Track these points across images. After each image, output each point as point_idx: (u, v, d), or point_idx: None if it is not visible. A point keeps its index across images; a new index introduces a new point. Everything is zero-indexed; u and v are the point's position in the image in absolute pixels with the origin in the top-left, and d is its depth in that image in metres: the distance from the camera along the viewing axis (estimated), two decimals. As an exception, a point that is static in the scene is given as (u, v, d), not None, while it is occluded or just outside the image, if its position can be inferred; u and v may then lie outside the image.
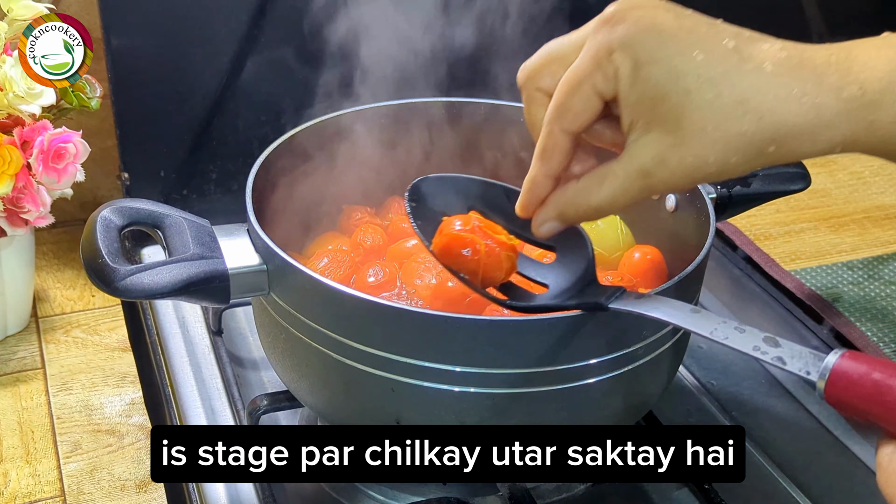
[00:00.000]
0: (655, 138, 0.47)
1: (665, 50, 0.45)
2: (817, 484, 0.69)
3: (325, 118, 0.72)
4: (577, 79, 0.48)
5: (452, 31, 0.79)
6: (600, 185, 0.49)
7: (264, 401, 0.68)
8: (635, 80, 0.46)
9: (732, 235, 0.98)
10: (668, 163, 0.47)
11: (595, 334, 0.54)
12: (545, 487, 0.65)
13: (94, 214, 0.57)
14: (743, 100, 0.45)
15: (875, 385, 0.40)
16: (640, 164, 0.48)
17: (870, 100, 0.45)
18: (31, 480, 0.66)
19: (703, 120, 0.45)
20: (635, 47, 0.46)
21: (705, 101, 0.45)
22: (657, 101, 0.46)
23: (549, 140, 0.50)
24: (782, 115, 0.45)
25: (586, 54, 0.48)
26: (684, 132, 0.46)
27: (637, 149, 0.48)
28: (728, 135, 0.45)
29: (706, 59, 0.45)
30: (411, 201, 0.60)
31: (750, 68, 0.45)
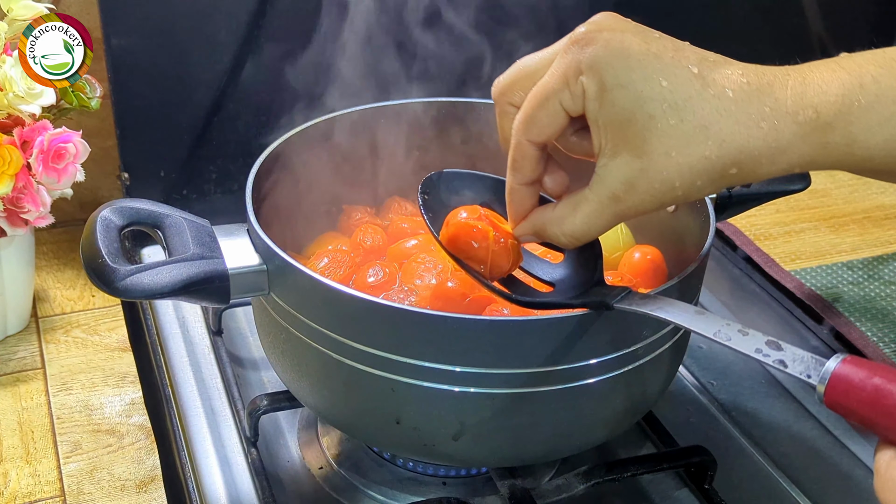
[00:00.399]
0: (623, 162, 0.48)
1: (631, 75, 0.47)
2: (817, 484, 0.69)
3: (325, 118, 0.72)
4: (545, 94, 0.50)
5: (453, 31, 0.79)
6: (574, 212, 0.51)
7: (264, 401, 0.68)
8: (602, 103, 0.48)
9: (732, 235, 0.98)
10: (637, 187, 0.49)
11: (595, 334, 0.54)
12: (545, 487, 0.65)
13: (94, 214, 0.57)
14: (705, 125, 0.47)
15: (875, 390, 0.40)
16: (611, 190, 0.49)
17: (824, 122, 0.47)
18: (31, 480, 0.66)
19: (668, 145, 0.47)
20: (603, 70, 0.47)
21: (669, 127, 0.47)
22: (623, 124, 0.48)
23: (518, 151, 0.52)
24: (743, 139, 0.47)
25: (556, 71, 0.49)
26: (650, 156, 0.48)
27: (606, 173, 0.49)
28: (692, 159, 0.47)
29: (670, 85, 0.47)
30: (423, 194, 0.60)
31: (712, 94, 0.47)
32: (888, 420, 0.40)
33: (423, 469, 0.67)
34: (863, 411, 0.41)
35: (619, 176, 0.49)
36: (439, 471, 0.67)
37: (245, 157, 0.71)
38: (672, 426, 0.71)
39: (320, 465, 0.69)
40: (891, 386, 0.40)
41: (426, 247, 0.72)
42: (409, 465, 0.67)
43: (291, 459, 0.69)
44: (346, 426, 0.62)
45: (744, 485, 0.69)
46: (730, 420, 0.75)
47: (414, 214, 0.78)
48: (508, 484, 0.63)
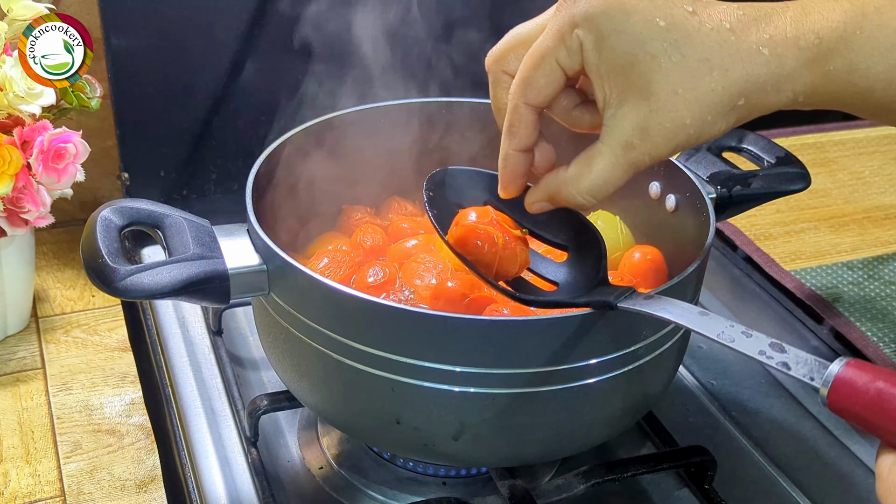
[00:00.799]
0: (631, 108, 0.48)
1: (628, 20, 0.47)
2: (817, 484, 0.69)
3: (325, 118, 0.72)
4: (541, 53, 0.50)
5: (453, 31, 0.79)
6: (589, 167, 0.51)
7: (264, 401, 0.68)
8: (601, 51, 0.48)
9: (732, 235, 0.98)
10: (649, 130, 0.48)
11: (595, 334, 0.54)
12: (545, 487, 0.65)
13: (94, 214, 0.57)
14: (707, 58, 0.47)
15: (878, 394, 0.40)
16: (623, 137, 0.49)
17: (826, 48, 0.47)
18: (31, 480, 0.66)
19: (673, 82, 0.47)
20: (598, 19, 0.47)
21: (672, 64, 0.47)
22: (626, 68, 0.48)
23: (515, 114, 0.52)
24: (746, 67, 0.47)
25: (549, 30, 0.49)
26: (657, 96, 0.48)
27: (616, 122, 0.49)
28: (699, 93, 0.47)
29: (668, 24, 0.47)
30: (428, 191, 0.60)
31: (710, 28, 0.47)
32: (891, 424, 0.40)
33: (423, 469, 0.67)
34: (865, 415, 0.40)
35: (629, 122, 0.49)
36: (439, 471, 0.67)
37: (245, 157, 0.71)
38: (672, 426, 0.71)
39: (320, 465, 0.69)
40: (894, 390, 0.40)
41: (426, 247, 0.72)
42: (409, 465, 0.67)
43: (291, 459, 0.69)
44: (346, 426, 0.62)
45: (744, 485, 0.69)
46: (730, 420, 0.75)
47: (414, 214, 0.78)
48: (508, 484, 0.63)
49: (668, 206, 0.70)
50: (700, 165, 0.73)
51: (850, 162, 1.13)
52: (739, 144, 0.77)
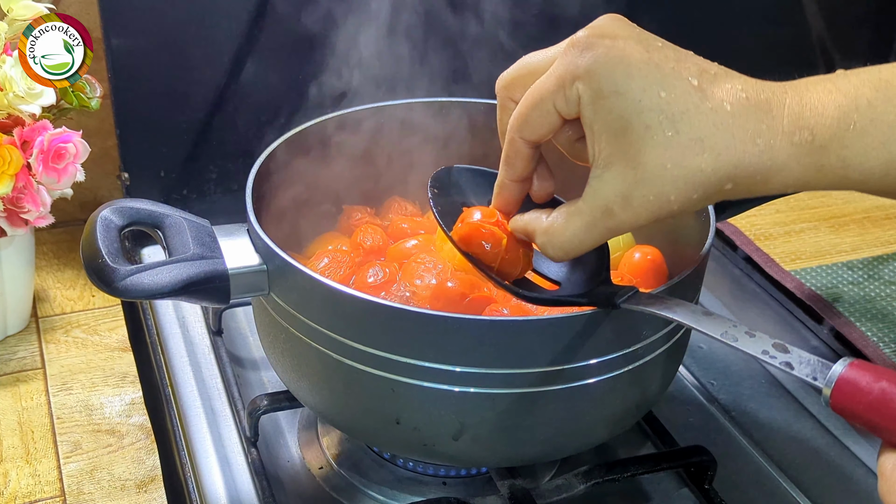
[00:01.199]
0: (617, 174, 0.48)
1: (629, 83, 0.47)
2: (817, 484, 0.69)
3: (324, 118, 0.72)
4: (539, 95, 0.50)
5: (453, 30, 0.79)
6: (566, 224, 0.51)
7: (264, 401, 0.68)
8: (597, 109, 0.48)
9: (732, 235, 0.98)
10: (632, 200, 0.48)
11: (595, 334, 0.54)
12: (545, 487, 0.65)
13: (94, 214, 0.57)
14: (701, 138, 0.46)
15: (881, 394, 0.40)
16: (604, 202, 0.49)
17: (819, 145, 0.47)
18: (31, 480, 0.66)
19: (664, 157, 0.47)
20: (600, 76, 0.47)
21: (665, 138, 0.46)
22: (618, 133, 0.47)
23: (511, 147, 0.53)
24: (738, 154, 0.47)
25: (552, 73, 0.49)
26: (645, 168, 0.47)
27: (600, 185, 0.49)
28: (687, 171, 0.47)
29: (668, 96, 0.47)
30: (433, 188, 0.60)
31: (710, 108, 0.47)
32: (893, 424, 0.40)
33: (423, 469, 0.67)
34: (868, 415, 0.41)
35: (612, 188, 0.48)
36: (439, 471, 0.67)
37: (245, 157, 0.71)
38: (672, 426, 0.71)
39: (320, 465, 0.69)
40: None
41: (426, 247, 0.72)
42: (409, 465, 0.67)
43: (291, 459, 0.69)
44: (346, 426, 0.62)
45: (744, 485, 0.69)
46: (730, 420, 0.75)
47: (414, 214, 0.78)
48: (508, 484, 0.63)
49: (668, 206, 0.70)
50: (700, 165, 0.73)
51: (850, 162, 1.13)
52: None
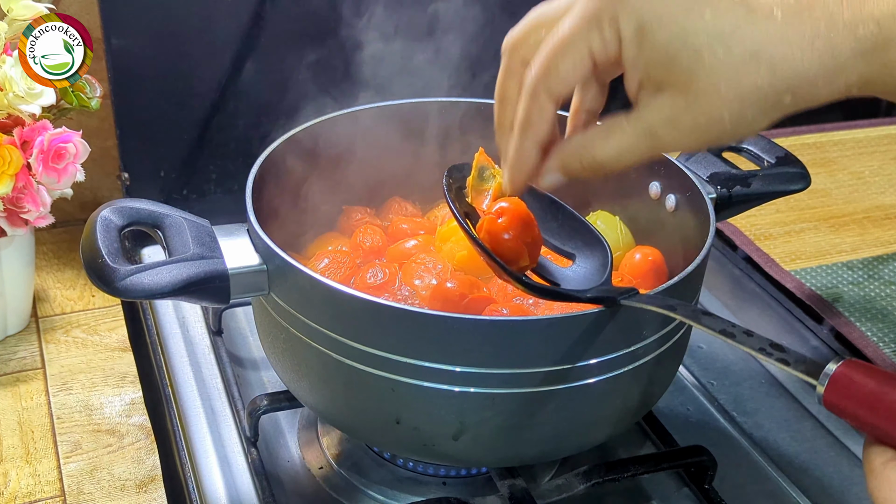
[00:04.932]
0: (667, 99, 0.45)
1: (671, 10, 0.44)
2: (817, 484, 0.69)
3: (325, 118, 0.72)
4: (569, 39, 0.46)
5: (454, 30, 0.79)
6: (606, 138, 0.48)
7: (264, 401, 0.68)
8: (642, 43, 0.45)
9: (732, 235, 0.98)
10: (679, 124, 0.46)
11: (595, 334, 0.54)
12: (545, 487, 0.65)
13: (94, 214, 0.57)
14: (755, 52, 0.44)
15: (872, 393, 0.41)
16: (649, 124, 0.46)
17: (886, 37, 0.43)
18: (31, 480, 0.66)
19: (716, 78, 0.44)
20: (639, 9, 0.44)
21: (717, 60, 0.44)
22: (666, 63, 0.45)
23: (534, 105, 0.49)
24: (797, 62, 0.44)
25: (581, 13, 0.46)
26: (696, 93, 0.45)
27: (647, 110, 0.46)
28: (742, 91, 0.44)
29: (714, 15, 0.44)
30: (448, 177, 0.60)
31: (759, 17, 0.44)
32: (884, 422, 0.40)
33: (423, 469, 0.67)
34: (860, 412, 0.41)
35: (661, 113, 0.46)
36: (439, 471, 0.67)
37: (245, 157, 0.71)
38: (672, 426, 0.71)
39: (320, 465, 0.69)
40: (887, 388, 0.40)
41: (426, 247, 0.72)
42: (409, 465, 0.67)
43: (291, 459, 0.69)
44: (346, 426, 0.62)
45: (744, 485, 0.69)
46: (730, 420, 0.75)
47: (414, 215, 0.78)
48: (508, 484, 0.63)
49: (668, 206, 0.70)
50: (700, 165, 0.73)
51: (850, 162, 1.13)
52: (739, 144, 0.77)
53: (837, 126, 1.20)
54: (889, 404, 0.40)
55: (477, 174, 0.61)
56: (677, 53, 0.44)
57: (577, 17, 0.46)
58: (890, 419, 0.40)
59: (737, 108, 0.45)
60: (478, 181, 0.61)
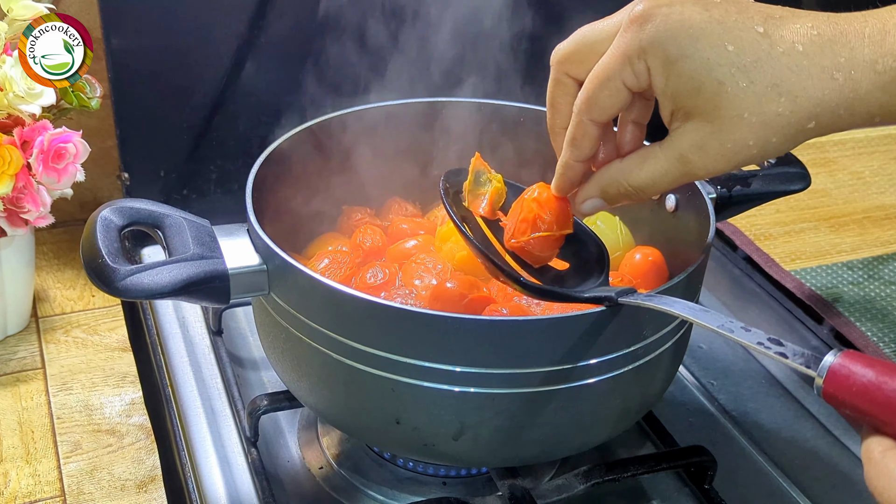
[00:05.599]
0: (695, 126, 0.49)
1: (696, 45, 0.47)
2: (817, 484, 0.69)
3: (324, 118, 0.72)
4: (606, 75, 0.50)
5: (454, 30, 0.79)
6: (642, 166, 0.52)
7: (264, 401, 0.68)
8: (668, 76, 0.48)
9: (732, 235, 0.98)
10: (708, 149, 0.49)
11: (595, 335, 0.54)
12: (545, 487, 0.65)
13: (94, 214, 0.57)
14: (776, 83, 0.46)
15: (870, 382, 0.41)
16: (680, 151, 0.50)
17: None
18: (31, 480, 0.66)
19: (740, 107, 0.47)
20: (665, 45, 0.47)
21: (740, 90, 0.46)
22: (692, 93, 0.47)
23: (579, 129, 0.53)
24: (817, 92, 0.46)
25: (615, 51, 0.49)
26: (722, 120, 0.47)
27: (677, 136, 0.50)
28: (766, 118, 0.47)
29: (737, 48, 0.46)
30: (445, 182, 0.62)
31: (781, 52, 0.46)
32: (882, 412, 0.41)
33: (423, 469, 0.67)
34: (858, 403, 0.42)
35: (690, 139, 0.49)
36: (439, 471, 0.67)
37: (245, 157, 0.71)
38: (672, 426, 0.71)
39: (320, 465, 0.69)
40: (885, 378, 0.41)
41: (426, 247, 0.72)
42: (409, 465, 0.67)
43: (291, 459, 0.69)
44: (346, 426, 0.62)
45: (744, 485, 0.69)
46: (730, 420, 0.75)
47: (414, 215, 0.78)
48: (508, 484, 0.63)
49: (668, 206, 0.70)
50: (700, 165, 0.73)
51: (850, 162, 1.13)
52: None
53: (837, 126, 1.20)
54: (888, 394, 0.41)
55: (473, 179, 0.62)
56: (702, 84, 0.47)
57: (614, 54, 0.50)
58: (889, 409, 0.41)
59: (762, 134, 0.48)
60: (474, 185, 0.62)
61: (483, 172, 0.62)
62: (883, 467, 0.41)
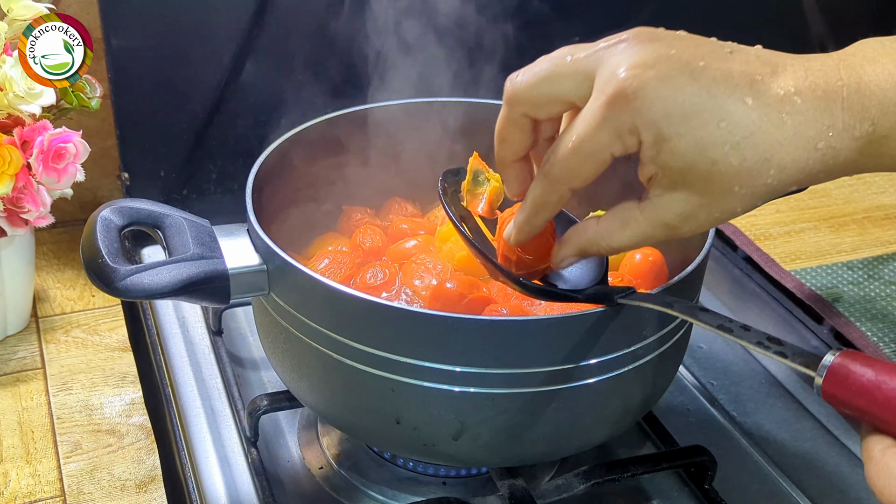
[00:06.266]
0: (682, 197, 0.48)
1: (689, 123, 0.46)
2: (817, 484, 0.69)
3: (324, 118, 0.72)
4: (593, 149, 0.47)
5: (454, 29, 0.79)
6: (623, 229, 0.50)
7: (264, 401, 0.68)
8: (660, 151, 0.46)
9: (732, 235, 0.98)
10: (696, 218, 0.48)
11: (595, 335, 0.54)
12: (545, 487, 0.65)
13: (94, 214, 0.57)
14: (767, 158, 0.46)
15: (870, 381, 0.41)
16: (666, 220, 0.49)
17: (881, 135, 0.47)
18: (31, 480, 0.66)
19: (731, 182, 0.47)
20: (659, 123, 0.46)
21: (732, 167, 0.46)
22: (684, 170, 0.47)
23: (553, 194, 0.50)
24: (802, 163, 0.47)
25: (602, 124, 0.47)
26: (713, 194, 0.47)
27: (662, 204, 0.48)
28: (755, 190, 0.47)
29: (729, 124, 0.46)
30: (444, 181, 0.61)
31: (771, 126, 0.46)
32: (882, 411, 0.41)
33: (423, 469, 0.67)
34: (858, 402, 0.42)
35: (677, 209, 0.48)
36: (439, 471, 0.67)
37: (245, 157, 0.71)
38: (672, 426, 0.71)
39: (320, 465, 0.69)
40: (885, 377, 0.41)
41: (426, 247, 0.72)
42: (409, 465, 0.67)
43: (291, 459, 0.69)
44: (346, 426, 0.62)
45: (744, 485, 0.69)
46: (730, 420, 0.75)
47: (414, 215, 0.78)
48: (508, 484, 0.63)
49: (668, 206, 0.70)
50: (700, 165, 0.73)
51: (850, 162, 1.13)
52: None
53: (837, 126, 1.20)
54: (887, 393, 0.41)
55: (472, 178, 0.62)
56: (695, 162, 0.46)
57: (600, 126, 0.47)
58: (888, 408, 0.41)
59: (749, 201, 0.48)
60: (472, 185, 0.62)
61: (481, 172, 0.62)
62: (883, 466, 0.41)
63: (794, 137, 0.46)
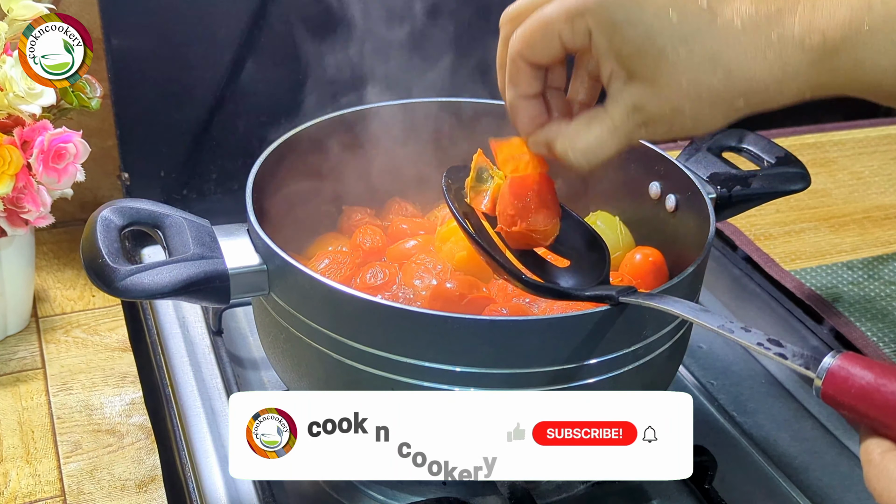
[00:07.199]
0: (636, 88, 0.50)
1: (641, 13, 0.48)
2: (817, 484, 0.69)
3: (324, 118, 0.72)
4: (545, 22, 0.51)
5: (453, 29, 0.79)
6: (588, 128, 0.52)
7: (264, 401, 0.68)
8: (611, 39, 0.49)
9: (732, 235, 0.98)
10: (649, 108, 0.50)
11: (595, 334, 0.54)
12: (545, 487, 0.65)
13: (94, 214, 0.57)
14: (713, 56, 0.48)
15: (869, 384, 0.41)
16: (626, 109, 0.51)
17: (831, 47, 0.47)
18: (31, 480, 0.66)
19: (678, 74, 0.48)
20: (610, 10, 0.48)
21: (679, 59, 0.48)
22: (634, 57, 0.49)
23: (514, 67, 0.53)
24: (750, 70, 0.48)
25: (561, 4, 0.50)
26: (661, 85, 0.49)
27: (621, 95, 0.51)
28: (700, 88, 0.48)
29: (680, 19, 0.48)
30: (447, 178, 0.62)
31: (721, 25, 0.48)
32: (882, 414, 0.41)
33: (423, 469, 0.67)
34: (858, 404, 0.42)
35: (632, 99, 0.50)
36: (439, 471, 0.67)
37: (245, 157, 0.71)
38: (672, 426, 0.71)
39: (320, 465, 0.69)
40: (884, 380, 0.41)
41: (426, 247, 0.72)
42: (409, 465, 0.67)
43: (291, 459, 0.69)
44: (346, 426, 0.62)
45: (744, 485, 0.69)
46: (730, 420, 0.75)
47: (414, 215, 0.78)
48: (508, 484, 0.63)
49: (668, 206, 0.70)
50: (700, 165, 0.73)
51: (850, 162, 1.13)
52: (739, 144, 0.77)
53: (837, 126, 1.20)
54: (886, 396, 0.41)
55: (475, 175, 0.62)
56: (644, 50, 0.48)
57: (559, 5, 0.50)
58: (887, 410, 0.41)
59: (695, 103, 0.49)
60: (476, 182, 0.62)
61: (485, 169, 0.62)
62: (882, 468, 0.41)
63: (743, 42, 0.47)
